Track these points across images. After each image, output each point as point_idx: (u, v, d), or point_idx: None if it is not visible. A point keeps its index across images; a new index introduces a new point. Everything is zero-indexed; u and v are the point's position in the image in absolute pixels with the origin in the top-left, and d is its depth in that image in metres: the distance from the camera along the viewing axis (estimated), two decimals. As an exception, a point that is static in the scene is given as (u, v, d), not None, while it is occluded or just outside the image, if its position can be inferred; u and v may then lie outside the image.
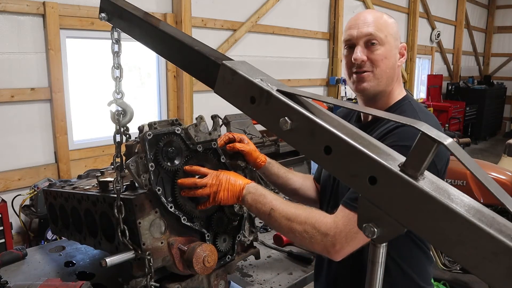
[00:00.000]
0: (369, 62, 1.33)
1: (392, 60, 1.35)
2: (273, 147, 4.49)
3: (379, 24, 1.33)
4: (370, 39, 1.32)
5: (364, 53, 1.33)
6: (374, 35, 1.32)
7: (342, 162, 0.68)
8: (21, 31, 3.55)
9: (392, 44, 1.35)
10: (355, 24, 1.36)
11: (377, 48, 1.32)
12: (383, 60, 1.33)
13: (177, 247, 1.30)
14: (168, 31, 0.99)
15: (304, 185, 1.69)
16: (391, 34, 1.34)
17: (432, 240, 0.60)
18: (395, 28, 1.37)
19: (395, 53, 1.36)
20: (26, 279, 1.69)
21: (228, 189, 1.27)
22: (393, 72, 1.36)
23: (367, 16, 1.35)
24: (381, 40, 1.32)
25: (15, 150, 3.61)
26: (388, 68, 1.34)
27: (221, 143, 1.49)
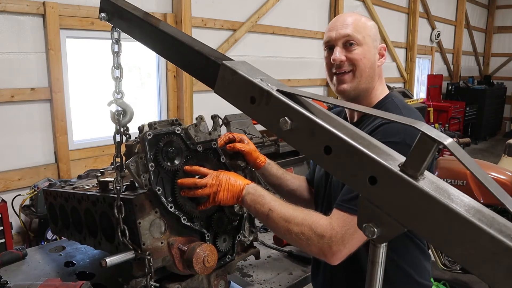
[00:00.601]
0: (347, 62, 1.37)
1: (371, 59, 1.38)
2: (273, 147, 4.49)
3: (357, 26, 1.37)
4: (348, 39, 1.36)
5: (343, 53, 1.37)
6: (351, 36, 1.36)
7: (342, 162, 0.68)
8: (21, 31, 3.55)
9: (370, 44, 1.38)
10: (334, 26, 1.40)
11: (355, 48, 1.36)
12: (362, 59, 1.36)
13: (177, 247, 1.30)
14: (168, 31, 0.99)
15: (301, 186, 1.70)
16: (369, 35, 1.38)
17: (432, 240, 0.60)
18: (373, 30, 1.41)
19: (374, 53, 1.40)
20: (26, 279, 1.69)
21: (227, 190, 1.27)
22: (372, 72, 1.39)
23: (345, 19, 1.40)
24: (359, 40, 1.36)
25: (15, 150, 3.61)
26: (367, 68, 1.38)
27: (221, 143, 1.49)
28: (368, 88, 1.41)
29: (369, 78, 1.39)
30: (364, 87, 1.39)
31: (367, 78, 1.39)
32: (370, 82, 1.40)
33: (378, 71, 1.43)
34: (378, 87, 1.45)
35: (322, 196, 1.51)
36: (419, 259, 1.41)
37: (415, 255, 1.40)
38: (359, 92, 1.40)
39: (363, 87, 1.39)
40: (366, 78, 1.38)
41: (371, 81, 1.40)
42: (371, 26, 1.42)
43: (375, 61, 1.40)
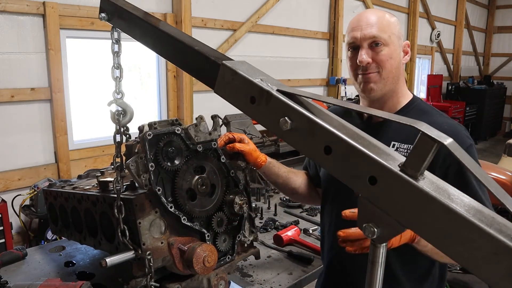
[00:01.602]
0: (374, 64, 1.33)
1: (397, 59, 1.35)
2: (273, 147, 4.50)
3: (382, 25, 1.33)
4: (374, 40, 1.32)
5: (369, 55, 1.33)
6: (378, 37, 1.32)
7: (342, 162, 0.68)
8: (21, 31, 3.55)
9: (396, 43, 1.35)
10: (358, 26, 1.35)
11: (382, 49, 1.32)
12: (389, 60, 1.33)
13: (177, 247, 1.30)
14: (168, 31, 0.99)
15: (303, 183, 1.69)
16: (394, 34, 1.34)
17: (432, 240, 0.60)
18: (397, 26, 1.37)
19: (399, 52, 1.37)
20: (26, 279, 1.69)
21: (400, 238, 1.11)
22: (398, 72, 1.37)
23: (369, 17, 1.35)
24: (385, 41, 1.32)
25: (15, 150, 3.61)
26: (394, 68, 1.35)
27: (221, 143, 1.49)
28: (394, 89, 1.38)
29: (396, 78, 1.37)
30: (390, 88, 1.37)
31: (394, 78, 1.36)
32: (396, 83, 1.38)
33: (402, 70, 1.40)
34: (403, 87, 1.42)
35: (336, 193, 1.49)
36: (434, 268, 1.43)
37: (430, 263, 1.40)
38: (385, 92, 1.37)
39: (389, 88, 1.37)
40: (392, 79, 1.36)
41: (397, 81, 1.38)
42: (395, 23, 1.38)
43: (400, 60, 1.38)
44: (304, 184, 1.69)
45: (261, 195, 2.81)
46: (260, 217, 2.44)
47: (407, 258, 1.34)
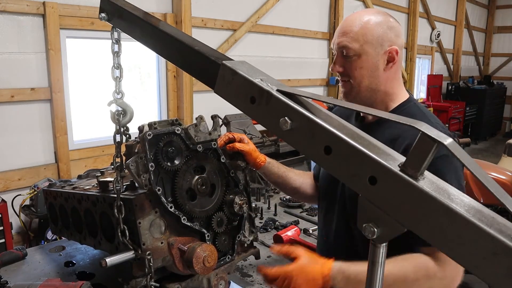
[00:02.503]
0: (345, 72, 1.32)
1: (370, 68, 1.30)
2: (273, 147, 4.50)
3: (356, 34, 1.29)
4: (343, 50, 1.31)
5: (341, 63, 1.33)
6: (346, 47, 1.29)
7: (342, 162, 0.68)
8: (21, 31, 3.55)
9: (371, 52, 1.29)
10: (337, 31, 1.35)
11: (352, 59, 1.30)
12: (358, 70, 1.30)
13: (177, 247, 1.30)
14: (168, 31, 0.99)
15: (304, 183, 1.69)
16: (369, 43, 1.28)
17: (432, 240, 0.60)
18: (378, 33, 1.29)
19: (375, 60, 1.30)
20: (26, 279, 1.69)
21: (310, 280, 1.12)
22: (375, 80, 1.32)
23: (347, 24, 1.32)
24: (355, 51, 1.29)
25: (15, 150, 3.61)
26: (366, 77, 1.31)
27: (221, 143, 1.49)
28: (374, 95, 1.35)
29: (372, 85, 1.32)
30: (366, 95, 1.34)
31: (368, 86, 1.32)
32: (374, 90, 1.33)
33: (389, 74, 1.34)
34: (394, 90, 1.37)
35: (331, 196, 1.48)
36: None
37: None
38: (361, 99, 1.35)
39: (365, 95, 1.34)
40: (367, 87, 1.32)
41: (375, 87, 1.33)
42: (375, 28, 1.30)
43: (377, 68, 1.31)
44: (306, 183, 1.69)
45: (261, 195, 2.82)
46: (260, 217, 2.44)
47: None
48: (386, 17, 1.34)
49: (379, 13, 1.35)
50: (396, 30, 1.34)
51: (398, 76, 1.39)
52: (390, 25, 1.32)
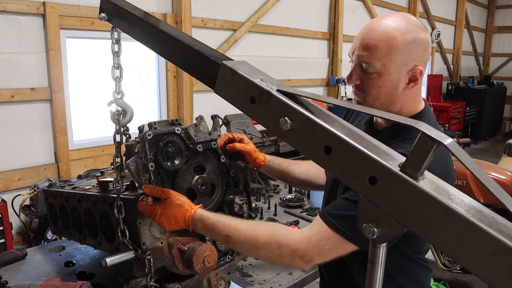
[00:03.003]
0: (361, 86, 1.21)
1: (388, 87, 1.18)
2: (273, 147, 4.50)
3: (379, 52, 1.14)
4: (363, 65, 1.17)
5: (358, 75, 1.20)
6: (368, 64, 1.16)
7: (342, 162, 0.68)
8: (21, 31, 3.55)
9: (393, 72, 1.16)
10: (357, 39, 1.19)
11: (372, 76, 1.17)
12: (375, 88, 1.18)
13: (177, 247, 1.30)
14: (168, 31, 0.99)
15: (309, 174, 1.67)
16: (393, 63, 1.15)
17: (432, 240, 0.60)
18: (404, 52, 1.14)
19: (396, 80, 1.17)
20: (26, 279, 1.69)
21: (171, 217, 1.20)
22: (390, 99, 1.21)
23: (373, 36, 1.15)
24: (376, 69, 1.15)
25: (15, 150, 3.61)
26: (382, 96, 1.20)
27: (221, 143, 1.49)
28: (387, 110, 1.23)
29: (387, 103, 1.22)
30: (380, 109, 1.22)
31: (383, 104, 1.21)
32: (388, 106, 1.22)
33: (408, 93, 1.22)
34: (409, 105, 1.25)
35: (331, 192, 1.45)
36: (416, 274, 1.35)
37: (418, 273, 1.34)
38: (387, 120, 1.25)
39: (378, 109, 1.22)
40: (381, 104, 1.21)
41: (390, 105, 1.22)
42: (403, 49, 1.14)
43: (396, 88, 1.18)
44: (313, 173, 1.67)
45: (261, 195, 2.81)
46: (260, 217, 2.44)
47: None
48: (417, 30, 1.17)
49: (410, 24, 1.17)
50: (425, 45, 1.18)
51: (417, 93, 1.27)
52: (419, 40, 1.16)
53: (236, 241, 1.17)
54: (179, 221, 1.20)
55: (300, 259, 1.13)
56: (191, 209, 1.21)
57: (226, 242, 1.20)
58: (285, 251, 1.13)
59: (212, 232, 1.20)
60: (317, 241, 1.11)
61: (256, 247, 1.16)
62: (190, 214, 1.20)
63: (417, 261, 1.33)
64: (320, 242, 1.11)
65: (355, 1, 7.46)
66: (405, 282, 1.31)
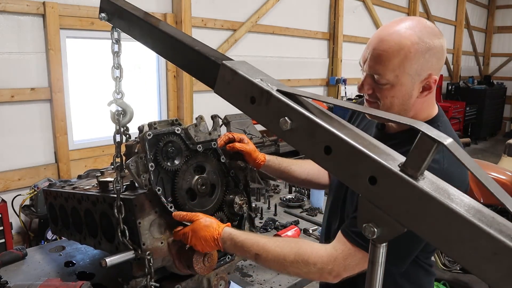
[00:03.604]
0: (374, 95, 1.18)
1: (402, 98, 1.15)
2: (273, 147, 4.50)
3: (392, 64, 1.10)
4: (375, 76, 1.14)
5: (371, 85, 1.16)
6: (380, 75, 1.12)
7: (342, 162, 0.68)
8: (21, 31, 3.55)
9: (407, 83, 1.13)
10: (368, 48, 1.15)
11: (385, 87, 1.14)
12: (389, 98, 1.15)
13: (177, 247, 1.30)
14: (168, 31, 0.99)
15: (310, 174, 1.67)
16: (406, 74, 1.11)
17: (432, 240, 0.60)
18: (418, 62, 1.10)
19: (410, 90, 1.14)
20: (26, 279, 1.69)
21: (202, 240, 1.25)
22: (405, 107, 1.18)
23: (385, 46, 1.10)
24: (389, 81, 1.12)
25: (15, 150, 3.61)
26: (396, 105, 1.17)
27: (221, 143, 1.49)
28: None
29: (401, 112, 1.18)
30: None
31: (397, 112, 1.17)
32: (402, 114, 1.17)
33: (422, 101, 1.19)
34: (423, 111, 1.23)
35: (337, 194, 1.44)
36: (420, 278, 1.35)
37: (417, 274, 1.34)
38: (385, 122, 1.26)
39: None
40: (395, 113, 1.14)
41: (403, 113, 1.18)
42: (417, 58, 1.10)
43: (410, 97, 1.15)
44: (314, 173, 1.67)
45: (261, 195, 2.81)
46: (260, 217, 2.44)
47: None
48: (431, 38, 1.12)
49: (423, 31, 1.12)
50: (439, 52, 1.14)
51: (432, 99, 1.24)
52: (434, 49, 1.12)
53: (265, 259, 1.20)
54: (209, 240, 1.24)
55: (328, 275, 1.16)
56: (219, 227, 1.25)
57: (256, 260, 1.22)
58: (313, 269, 1.15)
59: (242, 251, 1.23)
60: (343, 259, 1.14)
61: (284, 266, 1.19)
62: (218, 233, 1.24)
63: (424, 267, 1.33)
64: (346, 260, 1.14)
65: (355, 1, 7.45)
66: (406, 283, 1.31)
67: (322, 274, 1.16)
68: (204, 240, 1.24)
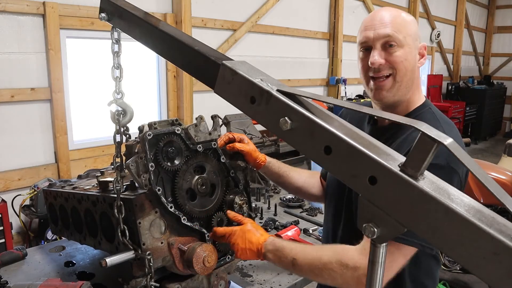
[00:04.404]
0: (387, 65, 1.25)
1: (412, 62, 1.27)
2: (273, 147, 4.50)
3: (397, 24, 1.24)
4: (388, 41, 1.24)
5: (382, 56, 1.25)
6: (392, 37, 1.23)
7: (342, 162, 0.68)
8: (21, 31, 3.55)
9: (412, 45, 1.27)
10: (371, 25, 1.27)
11: (396, 50, 1.24)
12: (403, 62, 1.25)
13: (177, 247, 1.30)
14: (168, 31, 0.99)
15: (307, 182, 1.68)
16: (410, 35, 1.26)
17: (432, 240, 0.60)
18: (414, 27, 1.29)
19: (414, 54, 1.28)
20: (26, 279, 1.69)
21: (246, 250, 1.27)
22: (412, 75, 1.29)
23: (384, 16, 1.26)
24: (400, 41, 1.24)
25: (15, 150, 3.61)
26: (408, 71, 1.27)
27: (221, 143, 1.49)
28: (406, 94, 1.30)
29: (410, 82, 1.28)
30: (403, 93, 1.28)
31: (408, 82, 1.28)
32: (410, 86, 1.29)
33: (417, 73, 1.32)
34: (416, 92, 1.34)
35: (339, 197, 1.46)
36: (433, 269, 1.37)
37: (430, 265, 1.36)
38: (398, 98, 1.29)
39: (402, 93, 1.28)
40: (406, 83, 1.27)
41: (411, 85, 1.30)
42: (412, 22, 1.29)
43: (415, 62, 1.29)
44: (309, 182, 1.68)
45: (261, 195, 2.81)
46: (260, 217, 2.44)
47: None
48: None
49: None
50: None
51: (419, 78, 1.36)
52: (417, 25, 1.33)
53: (302, 263, 1.20)
54: (254, 243, 1.25)
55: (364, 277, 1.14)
56: (265, 235, 1.28)
57: (293, 266, 1.22)
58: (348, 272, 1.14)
59: (280, 256, 1.23)
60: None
61: (319, 268, 1.18)
62: (264, 239, 1.26)
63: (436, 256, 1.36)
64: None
65: (355, 1, 7.46)
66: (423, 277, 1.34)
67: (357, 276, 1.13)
68: (249, 241, 1.26)
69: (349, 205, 1.41)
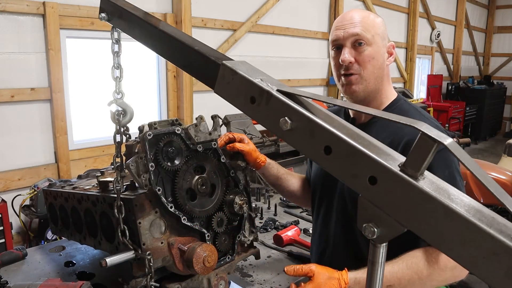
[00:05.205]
0: (356, 64, 1.33)
1: (379, 60, 1.34)
2: (273, 147, 4.50)
3: (365, 24, 1.32)
4: (357, 39, 1.31)
5: (352, 54, 1.32)
6: (361, 36, 1.31)
7: (342, 162, 0.68)
8: (21, 31, 3.55)
9: (380, 43, 1.34)
10: (342, 25, 1.35)
11: (365, 48, 1.32)
12: (371, 61, 1.32)
13: (177, 247, 1.30)
14: (168, 31, 0.99)
15: (300, 186, 1.70)
16: (378, 34, 1.33)
17: (432, 240, 0.60)
18: (382, 27, 1.36)
19: (383, 52, 1.36)
20: (26, 279, 1.69)
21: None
22: (381, 72, 1.36)
23: (353, 16, 1.34)
24: (368, 40, 1.31)
25: (15, 150, 3.61)
26: (376, 69, 1.34)
27: (221, 143, 1.49)
28: (377, 89, 1.38)
29: (378, 79, 1.36)
30: (373, 88, 1.36)
31: (376, 79, 1.35)
32: (379, 83, 1.37)
33: (386, 70, 1.39)
34: (387, 87, 1.42)
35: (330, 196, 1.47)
36: None
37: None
38: (368, 93, 1.37)
39: (372, 88, 1.36)
40: (375, 79, 1.35)
41: (380, 81, 1.37)
42: (380, 23, 1.37)
43: (384, 61, 1.37)
44: (302, 187, 1.71)
45: (261, 195, 2.81)
46: (260, 217, 2.44)
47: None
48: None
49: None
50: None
51: (389, 74, 1.44)
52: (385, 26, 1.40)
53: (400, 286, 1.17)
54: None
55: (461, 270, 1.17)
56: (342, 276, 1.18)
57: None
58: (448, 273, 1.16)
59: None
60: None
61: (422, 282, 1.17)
62: (346, 282, 1.17)
63: None
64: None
65: (355, 1, 7.46)
66: None
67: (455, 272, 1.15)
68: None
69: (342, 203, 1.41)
